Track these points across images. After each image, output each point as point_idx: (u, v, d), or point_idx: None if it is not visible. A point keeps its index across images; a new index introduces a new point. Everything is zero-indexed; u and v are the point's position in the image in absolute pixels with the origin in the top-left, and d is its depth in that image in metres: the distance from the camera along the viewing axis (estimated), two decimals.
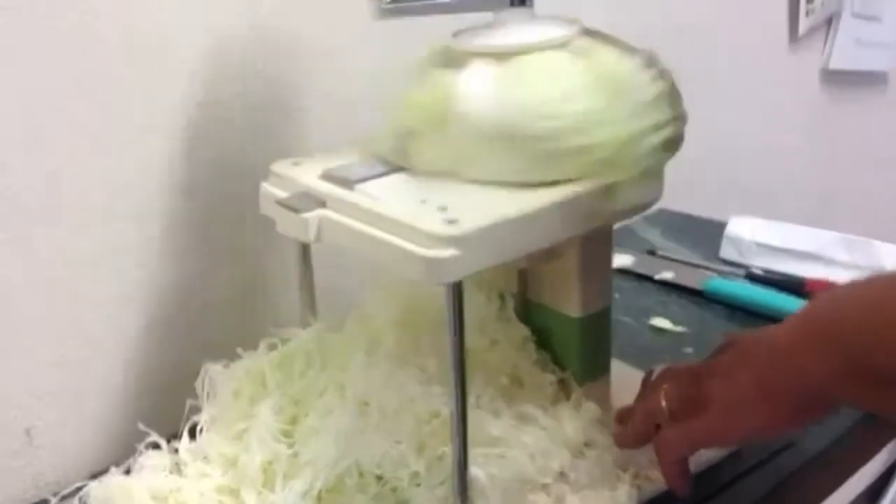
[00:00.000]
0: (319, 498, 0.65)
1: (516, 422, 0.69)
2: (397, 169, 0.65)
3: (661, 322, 0.94)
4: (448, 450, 0.63)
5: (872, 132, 1.58)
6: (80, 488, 0.67)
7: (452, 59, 0.66)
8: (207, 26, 0.76)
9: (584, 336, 0.72)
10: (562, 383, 0.73)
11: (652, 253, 1.09)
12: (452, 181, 0.63)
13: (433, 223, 0.58)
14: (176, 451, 0.69)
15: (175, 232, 0.78)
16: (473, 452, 0.64)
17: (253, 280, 0.84)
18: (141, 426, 0.70)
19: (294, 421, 0.69)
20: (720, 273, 1.03)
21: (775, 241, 1.05)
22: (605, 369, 0.75)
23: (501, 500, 0.65)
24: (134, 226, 0.75)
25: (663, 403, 0.67)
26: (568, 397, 0.73)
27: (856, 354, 0.54)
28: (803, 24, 1.34)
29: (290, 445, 0.67)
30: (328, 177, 0.65)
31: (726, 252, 1.08)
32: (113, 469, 0.68)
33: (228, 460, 0.68)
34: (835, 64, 1.44)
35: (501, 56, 0.64)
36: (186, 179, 0.77)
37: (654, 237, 1.14)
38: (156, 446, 0.70)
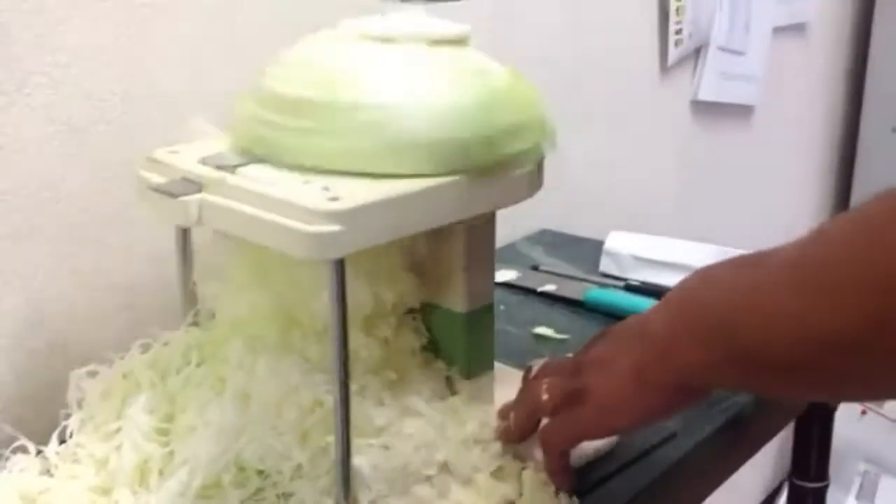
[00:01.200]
0: (198, 495, 0.62)
1: (401, 414, 0.68)
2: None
3: (543, 330, 0.95)
4: (331, 440, 0.62)
5: (738, 161, 1.65)
6: None
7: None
8: None
9: (469, 331, 0.72)
10: (447, 380, 0.73)
11: (535, 268, 1.10)
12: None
13: (316, 200, 0.57)
14: (44, 455, 0.66)
15: (48, 233, 0.75)
16: (357, 443, 0.64)
17: (129, 285, 0.81)
18: (8, 428, 0.66)
19: (170, 419, 0.66)
20: (600, 285, 1.05)
21: (652, 255, 1.07)
22: (489, 366, 0.75)
23: (385, 491, 0.64)
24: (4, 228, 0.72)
25: (545, 397, 0.67)
26: (453, 393, 0.73)
27: (738, 346, 0.54)
28: (672, 55, 1.40)
29: (166, 444, 0.65)
30: (206, 161, 0.64)
31: (605, 266, 1.10)
32: None
33: (100, 461, 0.65)
34: (703, 95, 1.50)
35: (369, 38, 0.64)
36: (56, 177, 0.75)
37: (538, 254, 1.16)
38: (23, 451, 0.66)
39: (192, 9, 0.81)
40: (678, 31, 1.39)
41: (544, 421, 0.67)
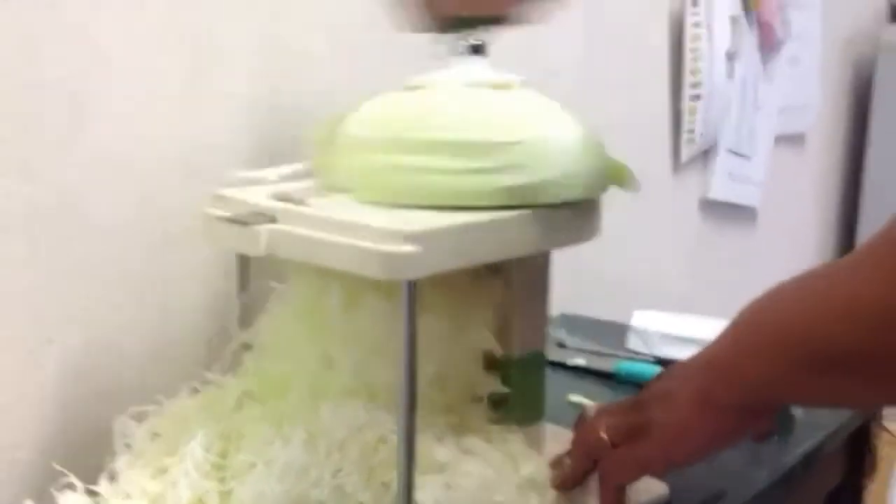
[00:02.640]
0: None
1: (460, 453, 0.67)
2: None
3: (578, 398, 0.95)
4: (394, 477, 0.61)
5: (743, 256, 1.68)
6: None
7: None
8: None
9: (522, 377, 0.72)
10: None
11: (561, 346, 1.11)
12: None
13: (391, 222, 0.58)
14: (93, 493, 0.64)
15: (103, 277, 0.75)
16: (419, 480, 0.63)
17: (179, 337, 0.81)
18: (56, 466, 0.64)
19: (225, 456, 0.65)
20: (629, 359, 1.05)
21: (679, 331, 1.08)
22: (539, 414, 0.75)
23: None
24: (56, 269, 0.72)
25: (604, 436, 0.66)
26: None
27: (803, 352, 0.55)
28: (685, 152, 1.45)
29: (222, 480, 0.64)
30: (278, 196, 0.65)
31: (633, 343, 1.10)
32: None
33: (153, 498, 0.64)
34: (713, 194, 1.54)
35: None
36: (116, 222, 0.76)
37: (561, 335, 1.16)
38: (71, 488, 0.64)
39: (246, 71, 0.84)
40: (690, 131, 1.44)
41: None
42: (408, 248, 0.57)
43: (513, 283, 0.70)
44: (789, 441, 0.88)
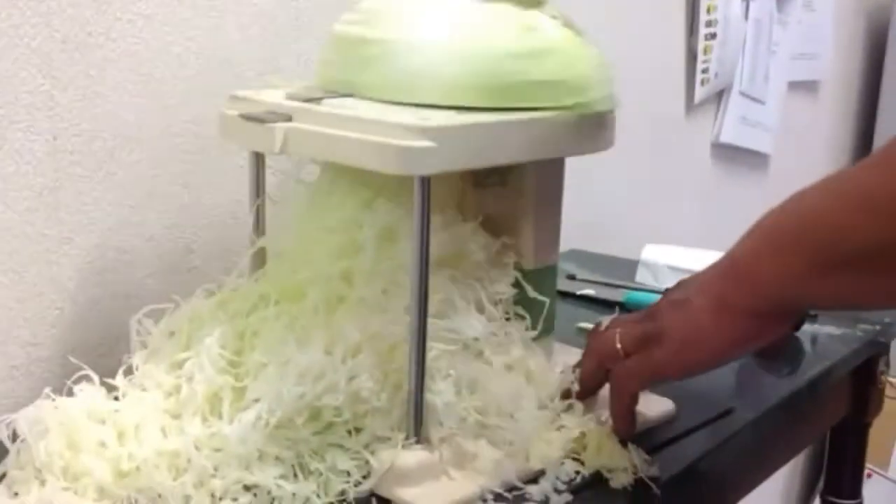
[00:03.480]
0: (271, 428, 0.61)
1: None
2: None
3: (588, 324, 0.95)
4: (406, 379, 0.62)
5: (754, 205, 1.67)
6: None
7: None
8: None
9: (535, 289, 0.72)
10: None
11: (571, 277, 1.11)
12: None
13: (407, 118, 0.59)
14: (110, 388, 0.65)
15: (119, 181, 0.76)
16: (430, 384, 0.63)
17: (193, 243, 0.81)
18: (72, 359, 0.65)
19: (240, 353, 0.66)
20: (638, 291, 1.05)
21: (689, 265, 1.08)
22: (549, 329, 0.75)
23: (456, 430, 0.63)
24: (77, 168, 0.73)
25: (618, 345, 0.67)
26: None
27: (819, 249, 0.56)
28: (699, 93, 1.44)
29: (237, 377, 0.64)
30: (294, 96, 0.65)
31: (642, 276, 1.11)
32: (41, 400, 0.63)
33: (168, 390, 0.64)
34: (724, 138, 1.54)
35: None
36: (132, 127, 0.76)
37: (571, 268, 1.17)
38: (88, 380, 0.65)
39: None
40: (705, 70, 1.43)
41: None
42: (423, 142, 0.57)
43: (525, 191, 0.70)
44: (796, 370, 0.89)
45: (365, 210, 0.67)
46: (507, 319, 0.71)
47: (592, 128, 0.68)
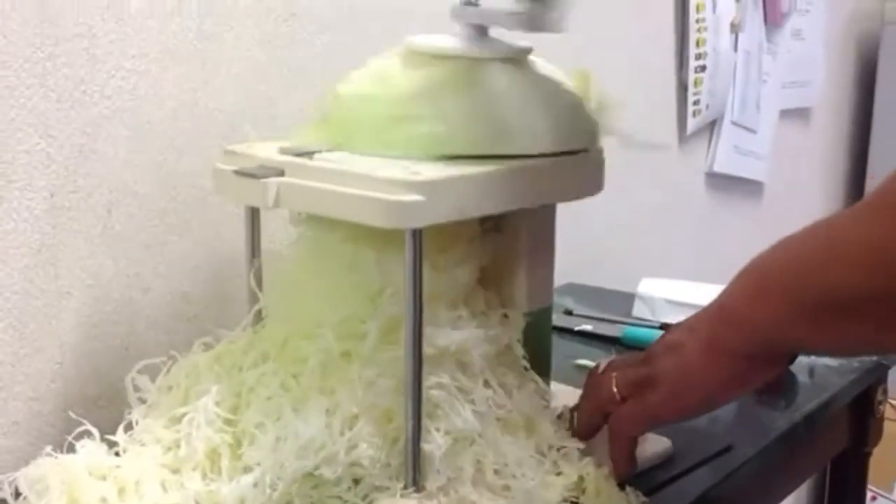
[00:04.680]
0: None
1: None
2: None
3: (585, 362, 0.96)
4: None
5: (750, 234, 1.68)
6: None
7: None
8: None
9: (529, 332, 0.73)
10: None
11: (568, 313, 1.12)
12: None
13: (397, 173, 0.59)
14: (110, 443, 0.66)
15: (116, 235, 0.77)
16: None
17: (191, 294, 0.82)
18: (72, 414, 0.66)
19: (236, 411, 0.66)
20: (635, 326, 1.06)
21: (685, 298, 1.09)
22: (546, 372, 0.76)
23: (454, 478, 0.64)
24: (75, 224, 0.74)
25: (614, 389, 0.67)
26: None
27: (810, 296, 0.56)
28: (691, 124, 1.45)
29: (234, 436, 0.64)
30: (287, 151, 0.66)
31: (639, 311, 1.11)
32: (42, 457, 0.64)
33: (167, 445, 0.65)
34: (718, 167, 1.55)
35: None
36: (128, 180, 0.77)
37: (568, 303, 1.17)
38: (89, 436, 0.66)
39: (257, 41, 0.85)
40: (696, 102, 1.44)
41: None
42: (413, 196, 0.58)
43: (518, 237, 0.71)
44: (793, 403, 0.89)
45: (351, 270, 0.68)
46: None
47: (583, 172, 0.69)
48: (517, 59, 0.69)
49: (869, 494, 1.93)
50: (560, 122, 0.68)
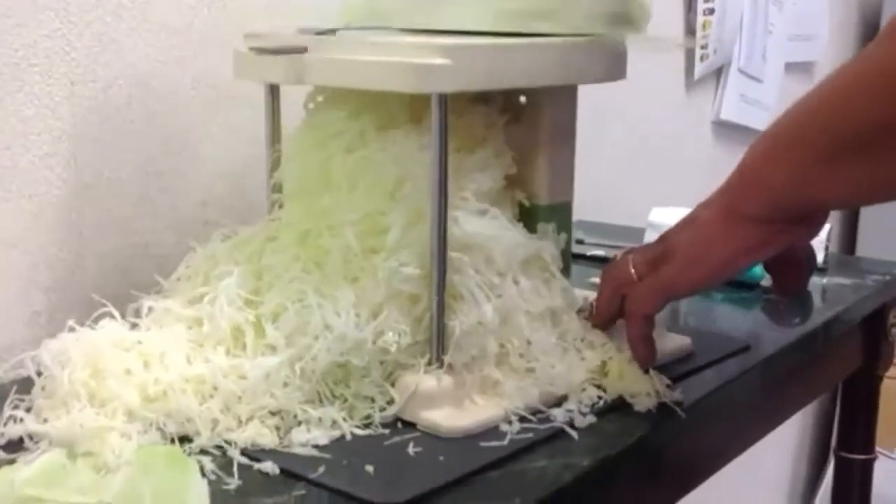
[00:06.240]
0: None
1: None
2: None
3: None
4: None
5: None
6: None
7: None
8: None
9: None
10: None
11: (580, 242, 1.12)
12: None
13: (425, 39, 0.59)
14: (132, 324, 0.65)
15: (136, 130, 0.76)
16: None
17: (208, 196, 0.82)
18: (95, 296, 0.65)
19: (257, 293, 0.66)
20: None
21: None
22: (568, 267, 0.75)
23: (477, 355, 0.64)
24: (96, 115, 0.73)
25: (631, 270, 0.67)
26: None
27: (827, 139, 0.56)
28: (698, 69, 1.45)
29: (255, 317, 0.64)
30: (307, 30, 0.66)
31: (650, 238, 1.11)
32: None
33: (189, 324, 0.64)
34: (725, 115, 1.55)
35: None
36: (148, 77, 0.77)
37: (579, 234, 1.17)
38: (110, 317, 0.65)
39: None
40: (704, 46, 1.44)
41: None
42: (441, 60, 0.58)
43: (538, 127, 0.71)
44: (809, 317, 0.90)
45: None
46: None
47: (605, 56, 0.69)
48: None
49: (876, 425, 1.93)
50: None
